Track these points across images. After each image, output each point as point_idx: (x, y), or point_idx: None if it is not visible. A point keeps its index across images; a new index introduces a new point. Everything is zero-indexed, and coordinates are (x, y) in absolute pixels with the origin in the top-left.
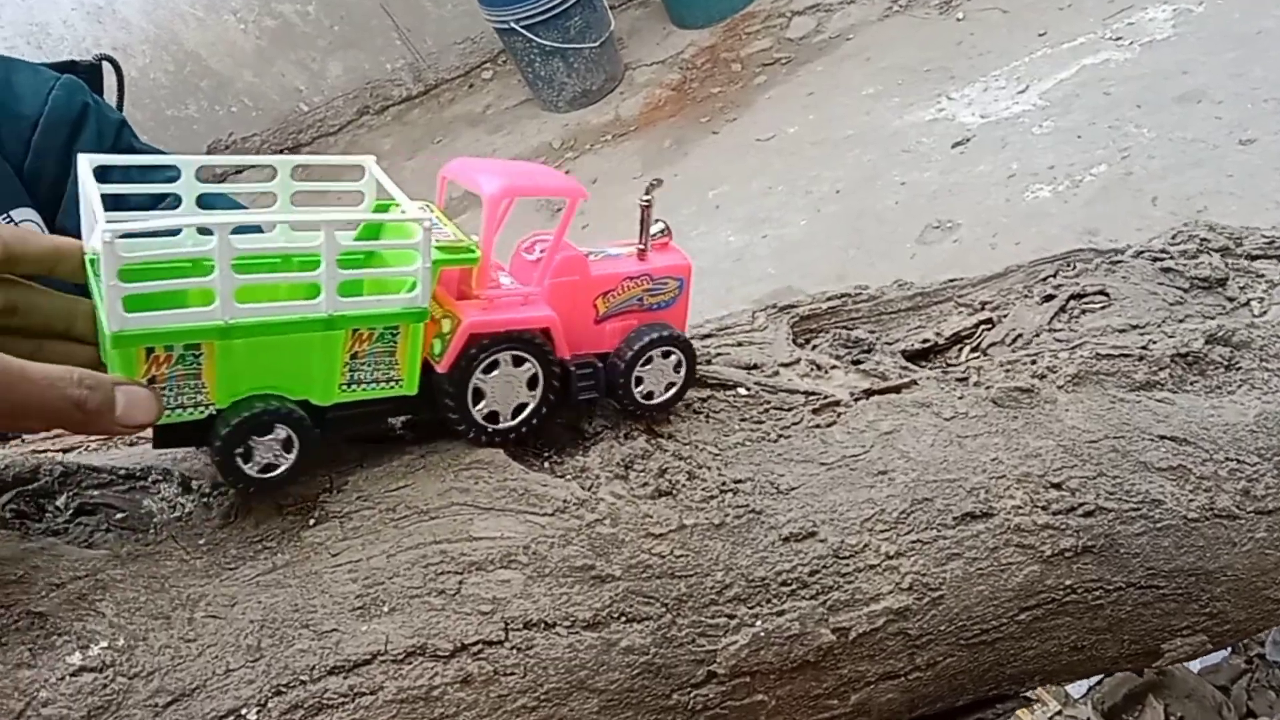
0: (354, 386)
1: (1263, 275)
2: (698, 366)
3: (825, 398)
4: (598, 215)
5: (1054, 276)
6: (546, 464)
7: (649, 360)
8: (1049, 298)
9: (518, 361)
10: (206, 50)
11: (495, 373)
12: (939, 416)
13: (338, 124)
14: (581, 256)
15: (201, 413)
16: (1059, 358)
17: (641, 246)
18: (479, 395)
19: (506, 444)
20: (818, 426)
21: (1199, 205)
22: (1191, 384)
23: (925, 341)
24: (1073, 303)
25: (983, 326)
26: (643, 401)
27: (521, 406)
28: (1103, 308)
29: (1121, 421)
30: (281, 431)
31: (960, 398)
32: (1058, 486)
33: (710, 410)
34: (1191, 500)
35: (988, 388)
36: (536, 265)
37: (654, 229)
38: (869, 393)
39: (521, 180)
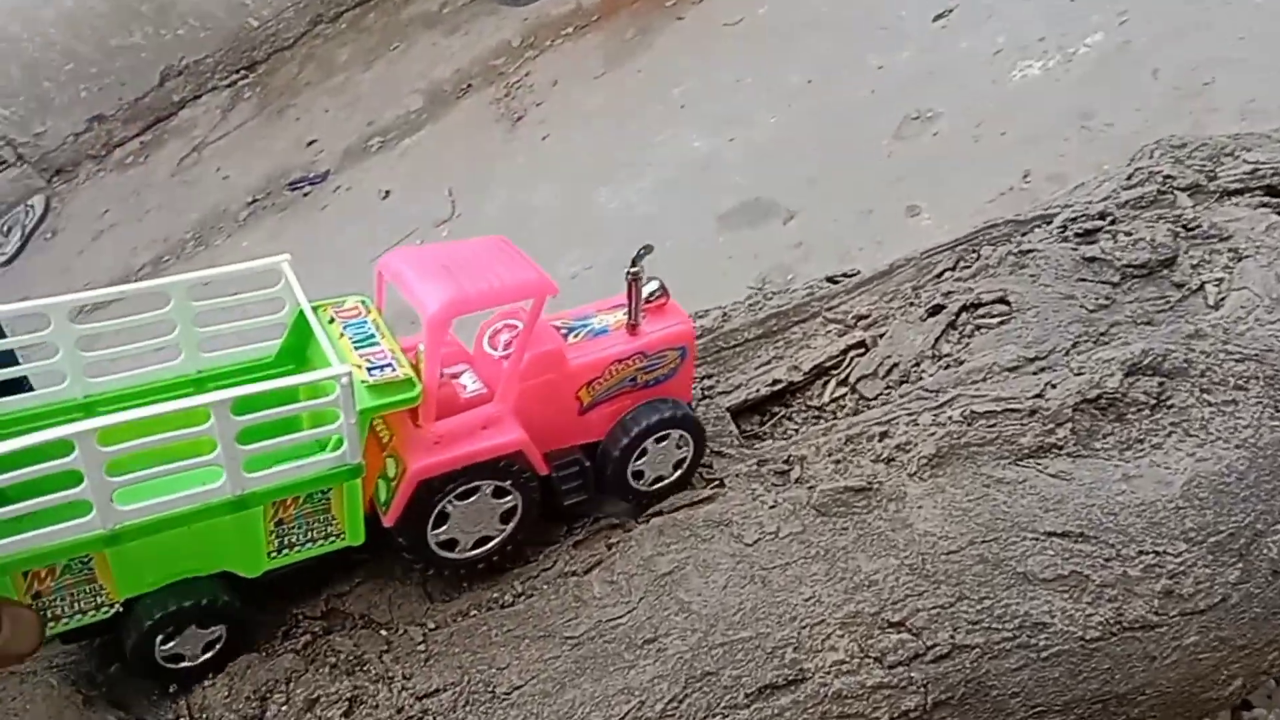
0: (286, 551)
1: (1228, 237)
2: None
3: (594, 524)
4: (559, 125)
5: (952, 270)
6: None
7: (644, 452)
8: (936, 309)
9: (499, 493)
10: None
11: (472, 500)
12: (740, 541)
13: (291, 37)
14: (557, 350)
15: (105, 613)
16: (919, 425)
17: (633, 321)
18: (440, 521)
19: (470, 574)
20: (573, 574)
21: (1205, 77)
22: (1103, 439)
23: (776, 383)
24: (965, 316)
25: (853, 352)
26: (648, 490)
27: (485, 539)
28: (1001, 321)
29: (994, 517)
30: (206, 627)
31: (773, 506)
32: (899, 626)
33: None
34: (1090, 616)
35: (811, 487)
36: (501, 362)
37: (648, 289)
38: (650, 515)
39: (470, 288)
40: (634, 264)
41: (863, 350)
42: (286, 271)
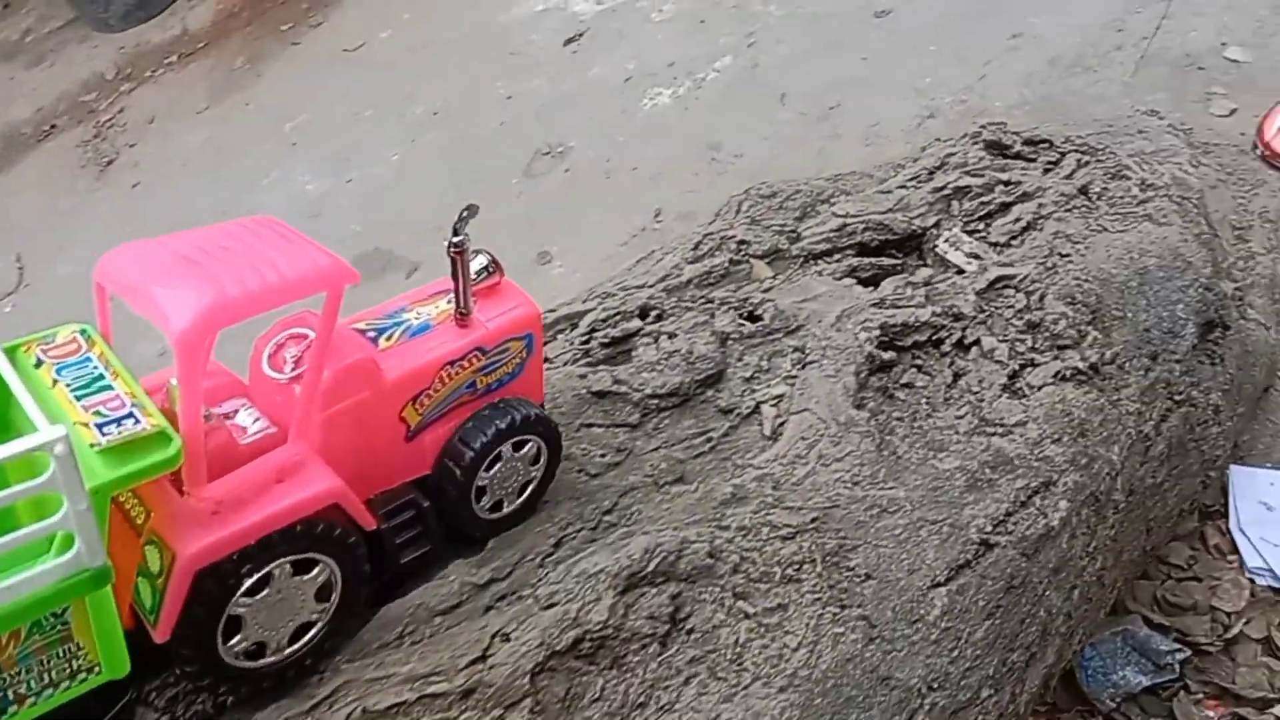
0: (14, 708)
1: (797, 328)
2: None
3: None
4: (154, 169)
5: None
6: None
7: (495, 461)
8: None
9: (302, 567)
10: None
11: (264, 593)
12: None
13: None
14: (367, 360)
15: None
16: None
17: (462, 309)
18: (234, 627)
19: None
20: None
21: (831, 100)
22: (584, 712)
23: None
24: None
25: None
26: (489, 517)
27: (305, 626)
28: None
29: None
30: None
31: None
32: None
33: None
34: None
35: None
36: (295, 384)
37: (475, 265)
38: None
39: (233, 287)
40: (456, 232)
41: None
42: None
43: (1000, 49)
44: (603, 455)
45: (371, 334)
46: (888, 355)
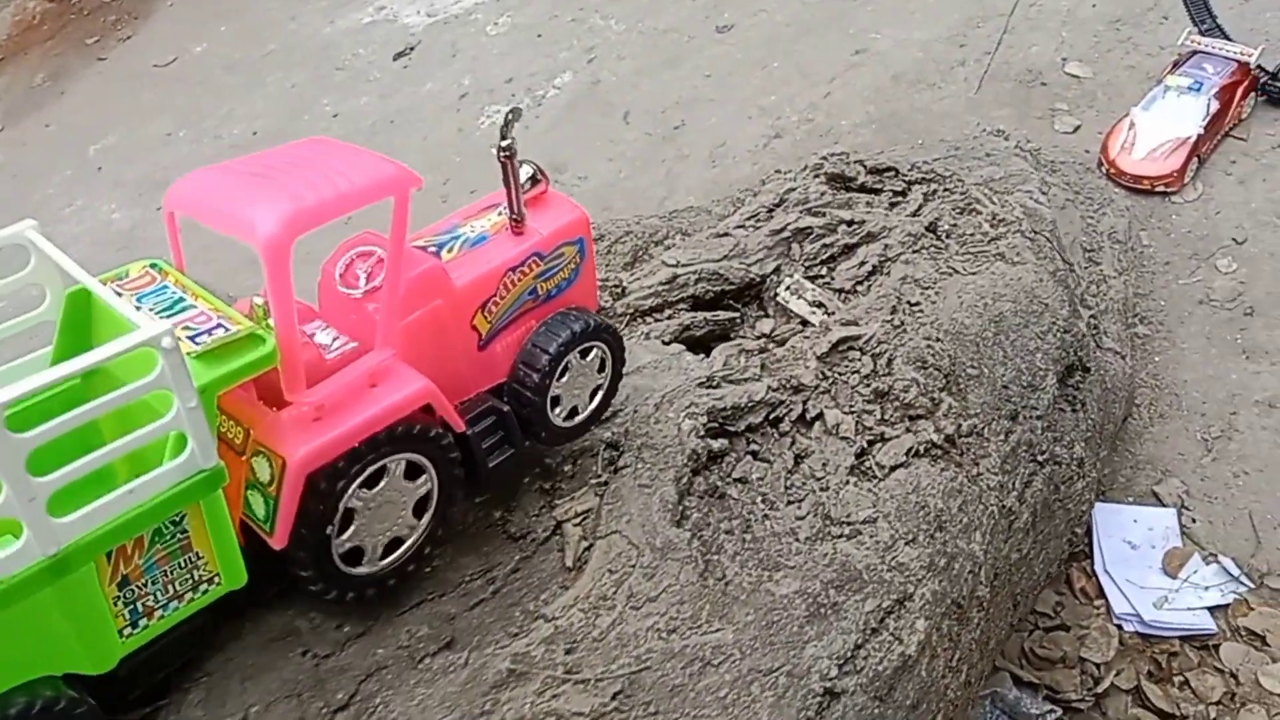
0: (144, 621)
1: (612, 416)
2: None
3: None
4: None
5: None
6: None
7: (565, 370)
8: None
9: (412, 472)
10: None
11: (379, 487)
12: None
13: None
14: (437, 268)
15: None
16: None
17: (516, 215)
18: (346, 523)
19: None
20: None
21: (676, 119)
22: None
23: None
24: None
25: None
26: (565, 426)
27: (397, 541)
28: None
29: None
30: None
31: None
32: None
33: None
34: None
35: None
36: (369, 301)
37: (522, 176)
38: None
39: (310, 195)
40: (504, 135)
41: None
42: (36, 241)
43: (844, 65)
44: (339, 625)
45: (433, 249)
46: (718, 444)
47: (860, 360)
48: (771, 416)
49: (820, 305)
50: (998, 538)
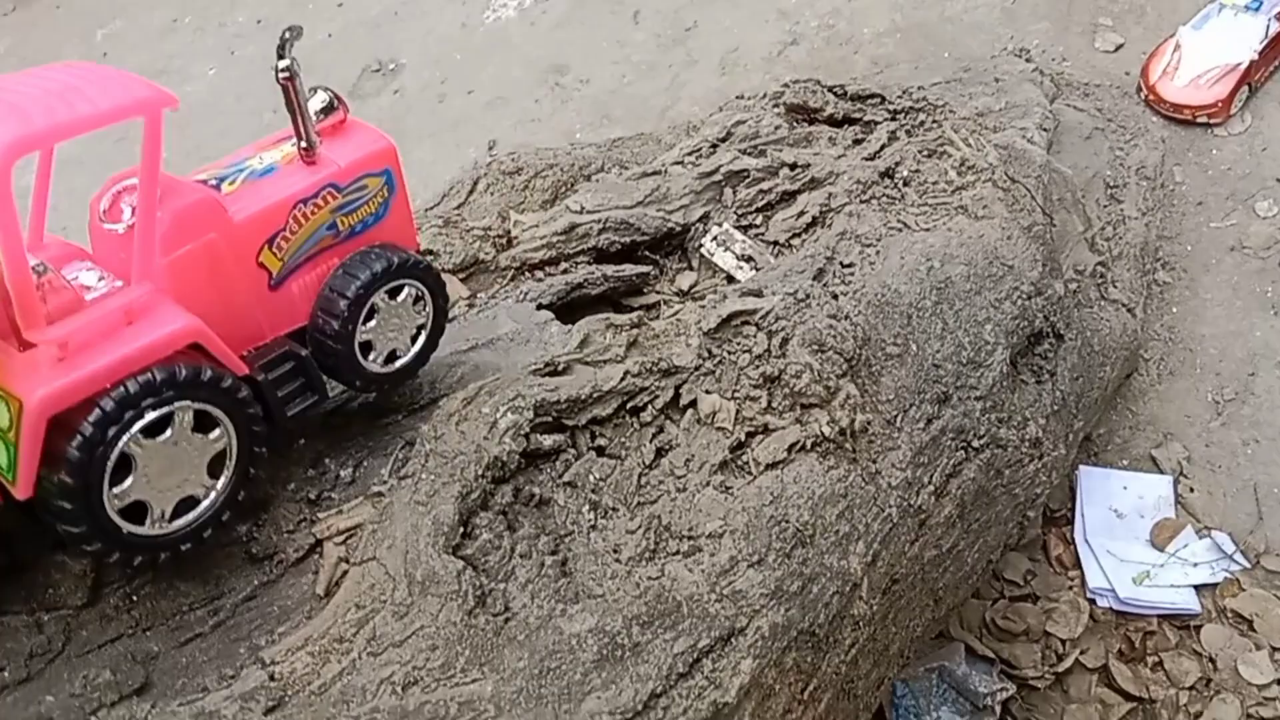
0: None
1: (426, 405)
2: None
3: None
4: None
5: None
6: None
7: (372, 314)
8: None
9: (202, 424)
10: None
11: (162, 437)
12: None
13: None
14: (208, 199)
15: None
16: None
17: (305, 142)
18: (123, 471)
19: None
20: None
21: (688, 20)
22: None
23: None
24: None
25: None
26: (385, 371)
27: (188, 502)
28: None
29: None
30: None
31: None
32: None
33: None
34: None
35: None
36: (131, 235)
37: (316, 103)
38: None
39: (39, 116)
40: (281, 55)
41: None
42: None
43: None
44: (0, 668)
45: (213, 182)
46: (550, 441)
47: (754, 338)
48: (630, 405)
49: (749, 260)
50: (898, 541)
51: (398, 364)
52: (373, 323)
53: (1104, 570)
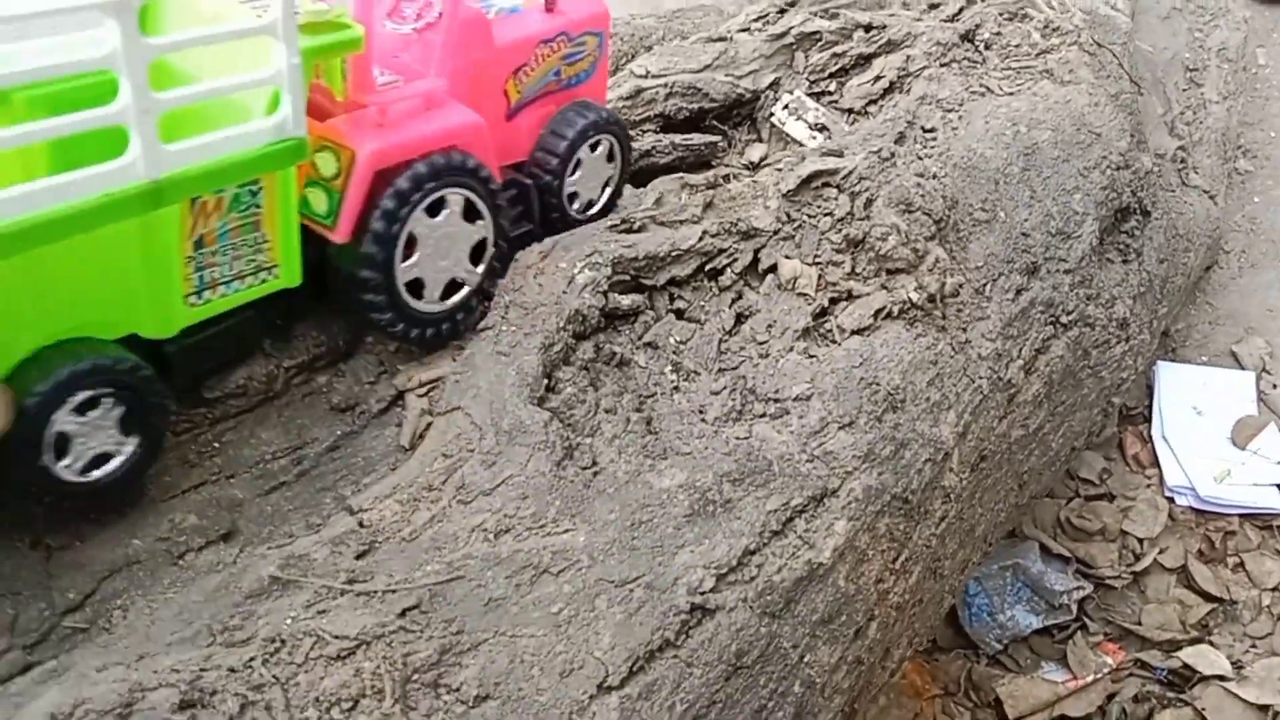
0: (208, 294)
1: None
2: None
3: None
4: None
5: None
6: None
7: (577, 166)
8: None
9: (470, 214)
10: None
11: (440, 217)
12: None
13: None
14: (481, 19)
15: None
16: None
17: None
18: (410, 242)
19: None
20: None
21: None
22: None
23: None
24: None
25: None
26: (580, 216)
27: (453, 285)
28: None
29: None
30: (109, 405)
31: None
32: None
33: None
34: None
35: None
36: (419, 38)
37: None
38: None
39: None
40: None
41: None
42: None
43: None
44: (85, 514)
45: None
46: (629, 301)
47: (837, 200)
48: (708, 268)
49: (823, 128)
50: (988, 415)
51: (592, 211)
52: (578, 174)
53: (1183, 468)
